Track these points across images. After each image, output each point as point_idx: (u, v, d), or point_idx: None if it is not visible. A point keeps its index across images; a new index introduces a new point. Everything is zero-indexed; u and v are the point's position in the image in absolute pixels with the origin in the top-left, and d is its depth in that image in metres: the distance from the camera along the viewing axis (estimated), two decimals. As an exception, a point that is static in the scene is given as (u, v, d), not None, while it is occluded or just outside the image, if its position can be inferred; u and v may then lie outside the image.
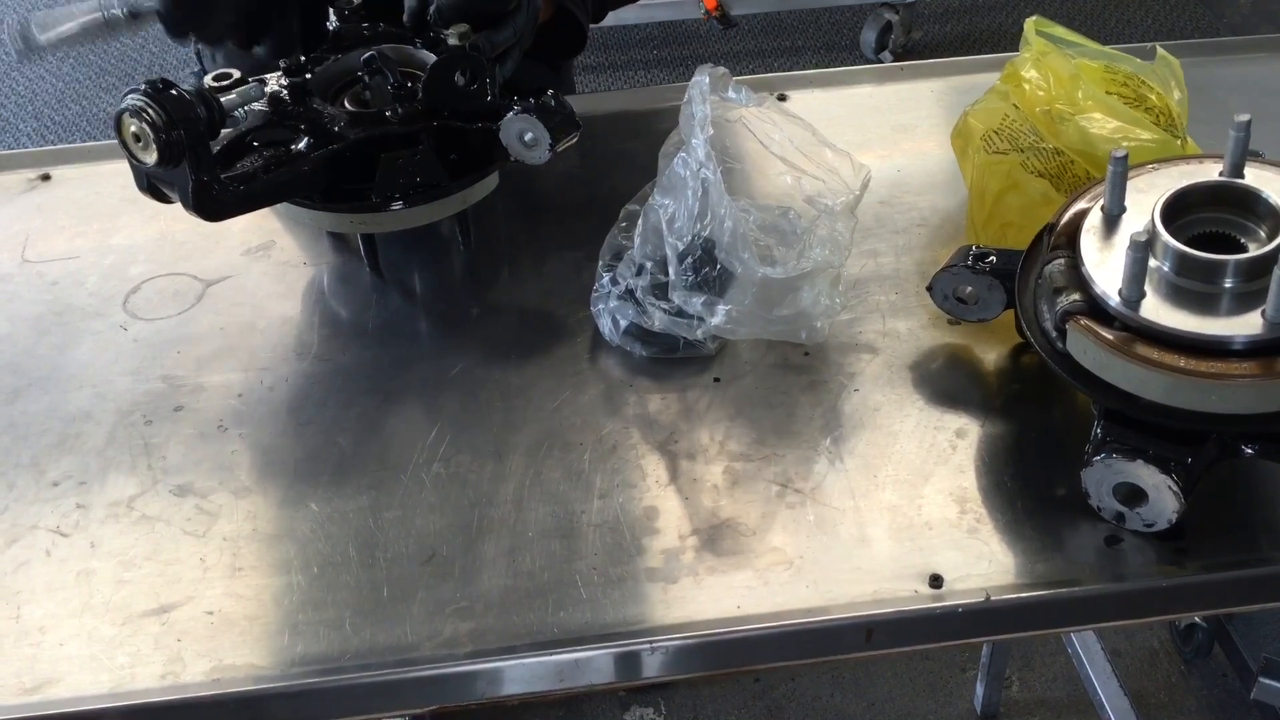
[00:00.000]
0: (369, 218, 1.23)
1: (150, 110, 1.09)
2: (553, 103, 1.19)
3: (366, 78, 1.24)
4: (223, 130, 1.18)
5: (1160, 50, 1.27)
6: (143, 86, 1.10)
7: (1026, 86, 1.23)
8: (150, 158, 1.11)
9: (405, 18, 1.28)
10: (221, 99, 1.16)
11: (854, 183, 1.20)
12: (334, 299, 1.28)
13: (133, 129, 1.11)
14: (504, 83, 1.24)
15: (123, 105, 1.10)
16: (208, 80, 1.19)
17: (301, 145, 1.20)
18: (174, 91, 1.11)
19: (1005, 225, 1.21)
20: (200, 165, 1.12)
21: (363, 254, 1.28)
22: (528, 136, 1.18)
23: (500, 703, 1.00)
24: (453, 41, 1.22)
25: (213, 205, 1.15)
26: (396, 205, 1.22)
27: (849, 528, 1.04)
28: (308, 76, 1.25)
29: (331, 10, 1.29)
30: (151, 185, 1.17)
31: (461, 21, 1.23)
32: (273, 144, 1.21)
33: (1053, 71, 1.22)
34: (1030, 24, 1.26)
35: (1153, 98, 1.23)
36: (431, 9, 1.26)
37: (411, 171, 1.21)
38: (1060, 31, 1.26)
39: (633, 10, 3.53)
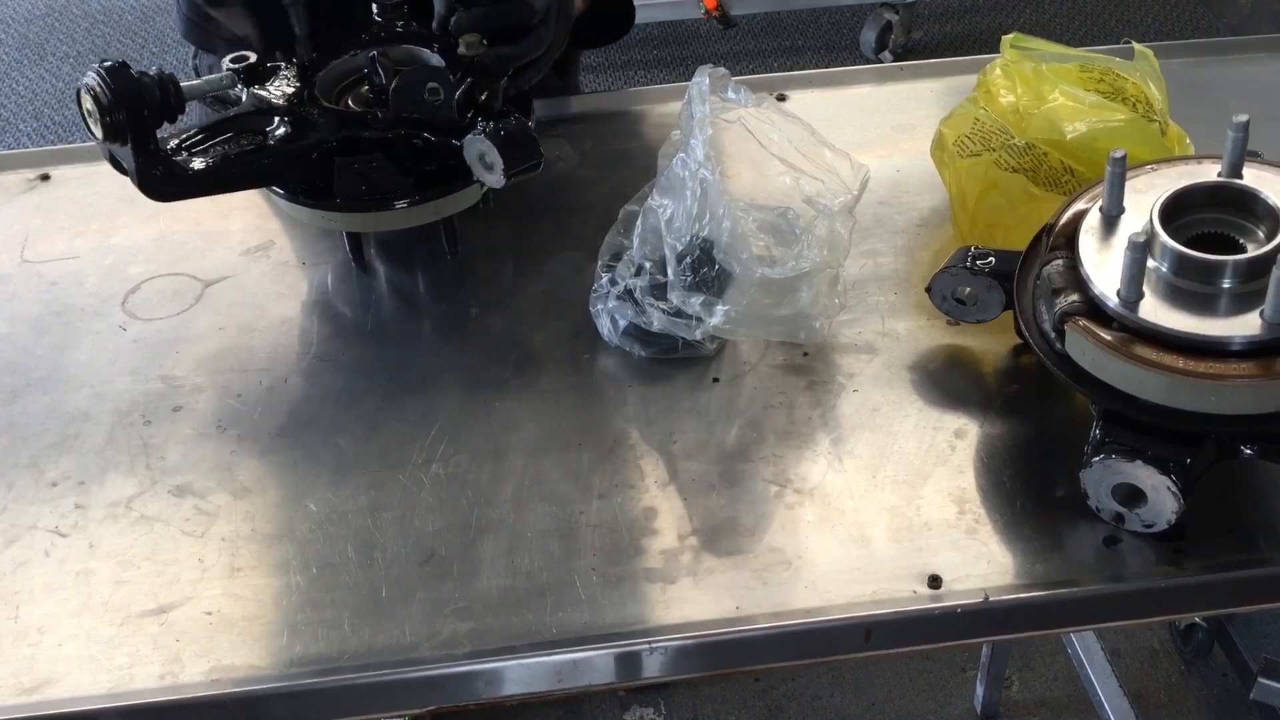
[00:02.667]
0: (339, 217, 1.23)
1: (99, 89, 1.12)
2: (514, 127, 1.17)
3: (372, 78, 1.24)
4: (211, 116, 1.20)
5: (1137, 46, 1.28)
6: (103, 64, 1.13)
7: (994, 89, 1.24)
8: (99, 133, 1.14)
9: (434, 25, 1.27)
10: (183, 85, 1.18)
11: (853, 183, 1.20)
12: (333, 299, 1.28)
13: (87, 105, 1.14)
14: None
15: (81, 81, 1.14)
16: (225, 62, 1.22)
17: (274, 138, 1.21)
18: (127, 73, 1.12)
19: (991, 226, 1.21)
20: (142, 147, 1.14)
21: (348, 250, 1.28)
22: (487, 159, 1.18)
23: (499, 703, 1.00)
24: (461, 51, 1.21)
25: (155, 186, 1.17)
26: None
27: (848, 528, 1.04)
28: (319, 72, 1.25)
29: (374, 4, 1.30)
30: (112, 158, 1.19)
31: (476, 33, 1.22)
32: (248, 132, 1.22)
33: (1019, 73, 1.23)
34: (1006, 40, 1.27)
35: (1129, 88, 1.23)
36: (453, 19, 1.25)
37: (370, 178, 1.20)
38: (1037, 44, 1.27)
39: (633, 10, 3.54)
